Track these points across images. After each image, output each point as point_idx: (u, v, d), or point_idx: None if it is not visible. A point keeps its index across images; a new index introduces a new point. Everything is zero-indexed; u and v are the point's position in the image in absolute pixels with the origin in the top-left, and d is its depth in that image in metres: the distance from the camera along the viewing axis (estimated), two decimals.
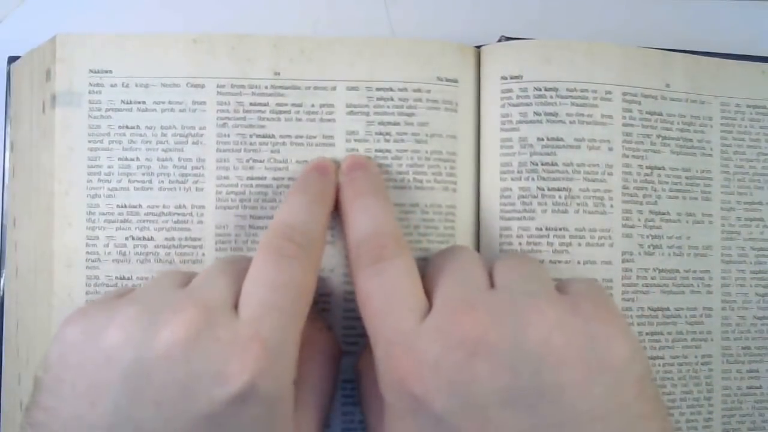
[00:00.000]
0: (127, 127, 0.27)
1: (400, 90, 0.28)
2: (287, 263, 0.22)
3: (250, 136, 0.27)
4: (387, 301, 0.22)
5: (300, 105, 0.28)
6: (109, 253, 0.27)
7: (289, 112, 0.28)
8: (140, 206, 0.27)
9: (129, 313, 0.21)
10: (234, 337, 0.20)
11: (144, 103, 0.27)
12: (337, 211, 0.26)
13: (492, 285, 0.23)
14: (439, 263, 0.24)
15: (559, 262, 0.27)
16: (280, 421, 0.21)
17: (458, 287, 0.23)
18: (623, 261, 0.28)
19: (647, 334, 0.28)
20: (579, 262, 0.27)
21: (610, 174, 0.28)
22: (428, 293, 0.23)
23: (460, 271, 0.23)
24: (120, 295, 0.23)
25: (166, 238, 0.27)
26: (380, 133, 0.28)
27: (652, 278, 0.28)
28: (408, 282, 0.23)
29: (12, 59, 0.30)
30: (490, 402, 0.20)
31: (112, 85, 0.27)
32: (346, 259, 0.25)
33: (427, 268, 0.25)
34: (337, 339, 0.26)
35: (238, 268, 0.23)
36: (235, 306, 0.21)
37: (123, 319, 0.20)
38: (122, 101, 0.27)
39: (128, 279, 0.27)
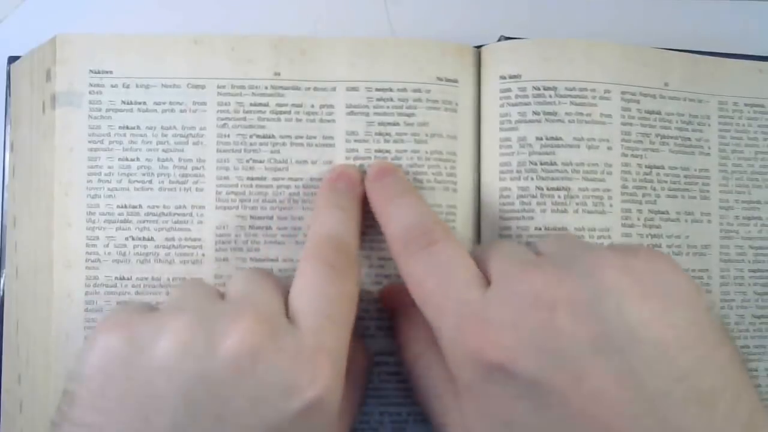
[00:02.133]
0: (127, 128, 0.27)
1: (400, 90, 0.28)
2: (339, 276, 0.22)
3: (250, 136, 0.27)
4: (446, 278, 0.22)
5: (300, 105, 0.28)
6: (109, 253, 0.27)
7: (289, 112, 0.28)
8: (140, 206, 0.27)
9: (180, 323, 0.20)
10: (299, 348, 0.20)
11: (144, 103, 0.27)
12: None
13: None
14: (483, 250, 0.24)
15: None
16: (331, 428, 0.21)
17: (513, 258, 0.22)
18: None
19: None
20: None
21: (609, 173, 0.28)
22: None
23: (507, 249, 0.23)
24: (150, 309, 0.22)
25: (166, 239, 0.27)
26: (380, 134, 0.28)
27: None
28: (464, 260, 0.23)
29: (12, 59, 0.30)
30: (582, 353, 0.19)
31: (112, 86, 0.27)
32: (390, 254, 0.25)
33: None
34: (367, 350, 0.26)
35: (272, 281, 0.23)
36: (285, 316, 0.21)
37: (175, 329, 0.19)
38: (123, 102, 0.27)
39: (128, 279, 0.27)
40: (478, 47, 0.29)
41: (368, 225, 0.27)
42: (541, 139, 0.28)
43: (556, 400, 0.19)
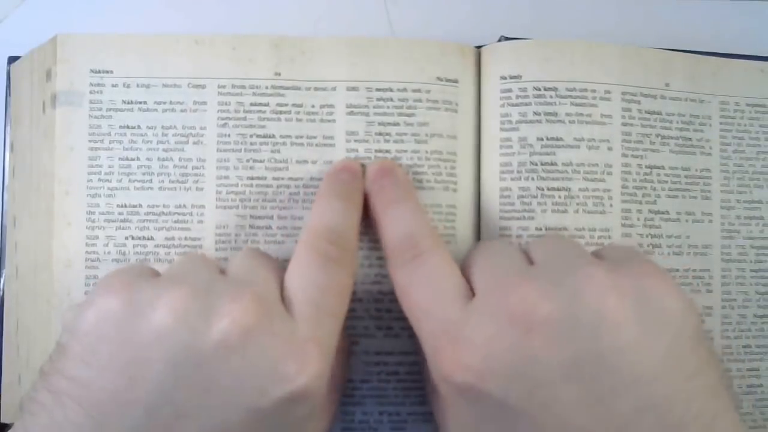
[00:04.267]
0: (128, 127, 0.27)
1: (400, 90, 0.28)
2: (333, 266, 0.22)
3: (251, 136, 0.27)
4: (428, 292, 0.22)
5: (300, 105, 0.28)
6: (109, 252, 0.27)
7: (289, 112, 0.28)
8: (140, 206, 0.27)
9: (178, 294, 0.20)
10: (291, 335, 0.20)
11: (145, 103, 0.27)
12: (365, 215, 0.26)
13: (531, 264, 0.23)
14: (473, 254, 0.24)
15: None
16: (314, 417, 0.21)
17: (498, 269, 0.22)
18: None
19: None
20: None
21: (610, 173, 0.28)
22: (468, 284, 0.23)
23: (496, 255, 0.23)
24: (153, 274, 0.22)
25: (166, 238, 0.27)
26: (380, 134, 0.28)
27: None
28: (447, 271, 0.23)
29: (12, 59, 0.30)
30: (553, 378, 0.19)
31: (113, 85, 0.27)
32: (384, 263, 0.25)
33: (462, 265, 0.25)
34: (345, 333, 0.26)
35: (273, 263, 0.23)
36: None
37: (172, 299, 0.20)
38: (123, 101, 0.27)
39: None
40: (479, 47, 0.29)
41: (368, 225, 0.27)
42: (542, 139, 0.27)
43: (524, 423, 0.19)
